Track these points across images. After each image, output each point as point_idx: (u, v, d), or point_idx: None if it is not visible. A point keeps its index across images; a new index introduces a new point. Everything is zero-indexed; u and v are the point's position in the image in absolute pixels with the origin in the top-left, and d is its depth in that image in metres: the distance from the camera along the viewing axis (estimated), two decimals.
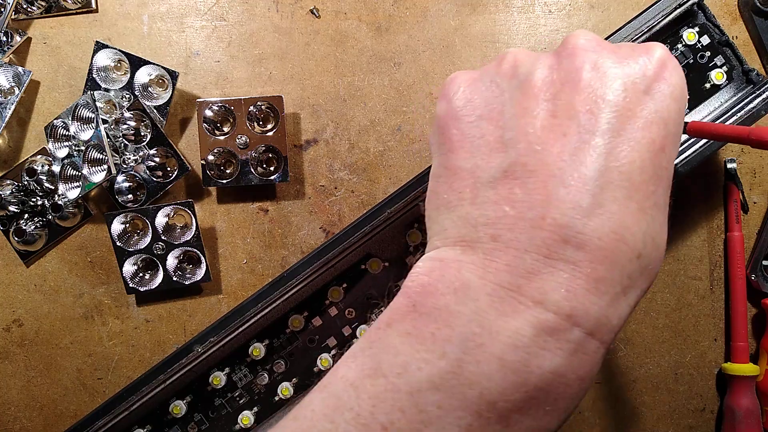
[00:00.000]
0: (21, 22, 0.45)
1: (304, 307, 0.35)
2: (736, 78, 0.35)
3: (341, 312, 0.35)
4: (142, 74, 0.43)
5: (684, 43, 0.35)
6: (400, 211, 0.33)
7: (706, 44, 0.35)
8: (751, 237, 0.43)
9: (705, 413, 0.43)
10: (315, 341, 0.35)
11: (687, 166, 0.33)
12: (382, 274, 0.35)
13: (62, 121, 0.42)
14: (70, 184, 0.42)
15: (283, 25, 0.44)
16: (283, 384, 0.34)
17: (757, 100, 0.33)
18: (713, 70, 0.35)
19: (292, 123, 0.44)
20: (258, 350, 0.34)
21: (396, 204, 0.33)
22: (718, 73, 0.35)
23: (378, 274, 0.35)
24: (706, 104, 0.35)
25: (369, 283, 0.35)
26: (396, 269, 0.35)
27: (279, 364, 0.34)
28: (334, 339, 0.35)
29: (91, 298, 0.44)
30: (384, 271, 0.35)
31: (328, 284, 0.35)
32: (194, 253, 0.42)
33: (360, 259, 0.35)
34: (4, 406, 0.44)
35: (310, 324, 0.35)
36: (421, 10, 0.44)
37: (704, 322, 0.43)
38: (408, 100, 0.44)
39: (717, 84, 0.35)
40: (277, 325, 0.35)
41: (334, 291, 0.35)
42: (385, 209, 0.33)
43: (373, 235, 0.34)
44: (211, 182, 0.42)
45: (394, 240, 0.35)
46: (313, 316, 0.35)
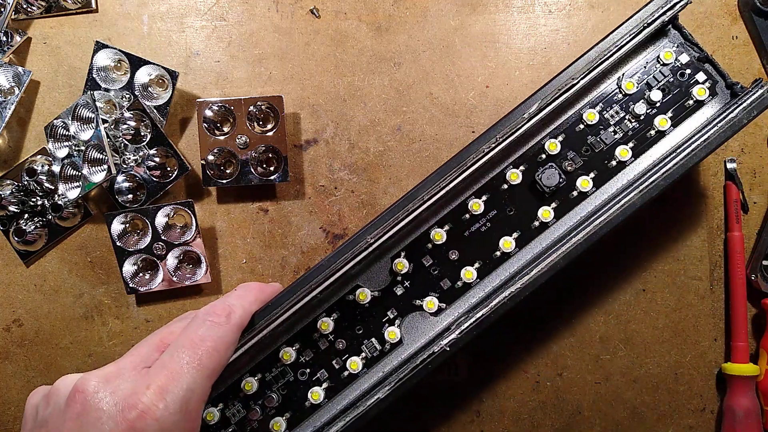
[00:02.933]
0: (21, 22, 0.45)
1: (295, 340, 0.35)
2: (720, 93, 0.35)
3: (331, 344, 0.35)
4: (142, 74, 0.43)
5: (662, 63, 0.35)
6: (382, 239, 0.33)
7: (686, 62, 0.36)
8: (751, 237, 0.43)
9: (705, 413, 0.43)
10: (306, 374, 0.35)
11: (668, 179, 0.33)
12: (371, 304, 0.35)
13: (62, 121, 0.42)
14: (70, 184, 0.42)
15: (283, 25, 0.44)
16: (275, 419, 0.34)
17: (737, 110, 0.33)
18: (695, 87, 0.35)
19: (292, 123, 0.44)
20: (250, 384, 0.34)
21: (376, 230, 0.33)
22: (700, 89, 0.35)
23: (367, 305, 0.35)
24: (691, 120, 0.35)
25: (359, 314, 0.35)
26: (386, 299, 0.35)
27: (271, 398, 0.34)
28: (326, 372, 0.35)
29: (91, 298, 0.44)
30: (373, 302, 0.35)
31: (318, 316, 0.35)
32: (194, 253, 0.42)
33: (349, 290, 0.35)
34: (4, 406, 0.44)
35: (301, 356, 0.35)
36: (421, 10, 0.44)
37: (704, 322, 0.43)
38: (408, 100, 0.44)
39: (700, 100, 0.35)
40: (268, 358, 0.35)
41: (323, 323, 0.34)
42: (365, 236, 0.33)
43: (356, 264, 0.33)
44: (211, 182, 0.42)
45: (382, 270, 0.35)
46: (304, 348, 0.35)
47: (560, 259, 0.33)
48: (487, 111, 0.44)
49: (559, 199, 0.35)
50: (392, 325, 0.35)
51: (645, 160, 0.35)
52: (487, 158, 0.34)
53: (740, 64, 0.43)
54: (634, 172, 0.35)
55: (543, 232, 0.35)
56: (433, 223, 0.35)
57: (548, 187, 0.34)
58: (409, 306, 0.35)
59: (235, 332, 0.31)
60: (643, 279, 0.43)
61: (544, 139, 0.35)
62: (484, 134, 0.34)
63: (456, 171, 0.34)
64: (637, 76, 0.36)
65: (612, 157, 0.35)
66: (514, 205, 0.35)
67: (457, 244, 0.35)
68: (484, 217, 0.35)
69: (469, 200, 0.35)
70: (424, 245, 0.35)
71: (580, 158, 0.35)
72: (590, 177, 0.35)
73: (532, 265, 0.33)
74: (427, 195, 0.34)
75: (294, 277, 0.43)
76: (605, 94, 0.36)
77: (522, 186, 0.35)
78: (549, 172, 0.35)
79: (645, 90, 0.35)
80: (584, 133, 0.36)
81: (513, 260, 0.35)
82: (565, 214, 0.35)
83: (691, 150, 0.33)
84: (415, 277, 0.35)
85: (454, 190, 0.34)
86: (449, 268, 0.35)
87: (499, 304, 0.33)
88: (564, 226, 0.35)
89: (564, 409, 0.43)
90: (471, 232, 0.35)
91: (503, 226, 0.35)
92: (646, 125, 0.35)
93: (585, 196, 0.35)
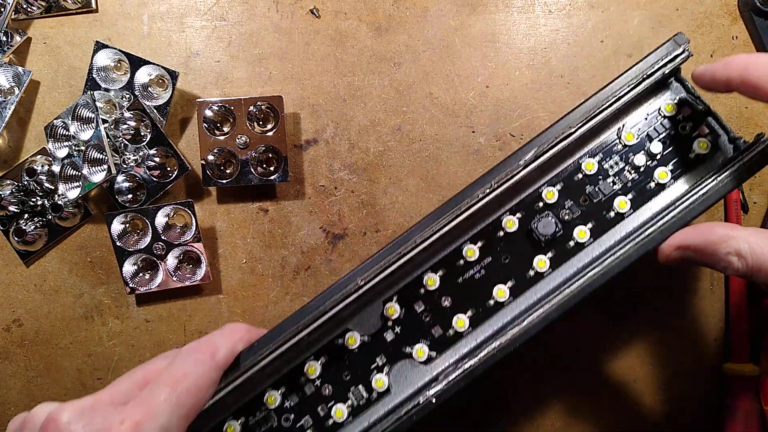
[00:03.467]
0: (21, 22, 0.45)
1: (281, 383, 0.34)
2: (723, 147, 0.34)
3: (318, 390, 0.34)
4: (142, 74, 0.43)
5: (663, 115, 0.35)
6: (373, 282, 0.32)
7: (687, 115, 0.35)
8: None
9: (705, 413, 0.43)
10: (290, 420, 0.33)
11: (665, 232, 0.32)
12: (360, 349, 0.34)
13: (62, 121, 0.42)
14: (70, 184, 0.42)
15: (283, 25, 0.44)
16: None
17: (738, 164, 0.32)
18: (696, 140, 0.34)
19: (292, 123, 0.44)
20: (232, 428, 0.33)
21: (367, 272, 0.32)
22: (702, 142, 0.34)
23: (356, 350, 0.34)
24: (693, 173, 0.34)
25: (347, 360, 0.34)
26: (375, 345, 0.34)
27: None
28: (310, 419, 0.33)
29: (91, 298, 0.44)
30: (362, 347, 0.34)
31: (306, 359, 0.34)
32: (194, 253, 0.42)
33: (338, 334, 0.34)
34: (4, 406, 0.44)
35: (286, 401, 0.34)
36: (421, 10, 0.44)
37: (704, 322, 0.43)
38: (408, 100, 0.44)
39: (702, 153, 0.34)
40: (252, 402, 0.34)
41: (310, 367, 0.33)
42: (356, 277, 0.32)
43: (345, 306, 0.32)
44: (211, 182, 0.42)
45: (373, 314, 0.34)
46: (289, 393, 0.34)
47: (552, 311, 0.32)
48: (487, 111, 0.44)
49: (555, 248, 0.34)
50: (380, 372, 0.34)
51: (644, 213, 0.34)
52: (482, 204, 0.33)
53: None
54: (633, 224, 0.34)
55: (538, 281, 0.34)
56: (426, 267, 0.35)
57: (544, 235, 0.34)
58: (399, 353, 0.34)
59: (217, 371, 0.30)
60: (643, 279, 0.43)
61: (542, 187, 0.35)
62: (480, 179, 0.33)
63: (450, 215, 0.33)
64: (637, 128, 0.35)
65: (611, 208, 0.34)
66: (509, 253, 0.35)
67: (450, 290, 0.34)
68: (479, 263, 0.35)
69: (464, 246, 0.34)
70: (416, 290, 0.35)
71: (578, 208, 0.34)
72: (588, 227, 0.34)
73: (524, 315, 0.32)
74: (420, 239, 0.33)
75: (294, 277, 0.43)
76: (605, 144, 0.35)
77: (518, 234, 0.35)
78: (545, 221, 0.34)
79: (645, 141, 0.35)
80: (583, 183, 0.35)
81: (507, 310, 0.34)
82: (561, 264, 0.34)
83: (689, 204, 0.32)
84: (406, 323, 0.34)
85: (449, 235, 0.33)
86: (441, 315, 0.34)
87: (488, 356, 0.32)
88: (560, 277, 0.34)
89: (564, 409, 0.43)
90: (465, 278, 0.34)
91: (498, 274, 0.34)
92: (646, 177, 0.34)
93: (582, 246, 0.34)
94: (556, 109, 0.44)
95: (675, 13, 0.44)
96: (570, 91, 0.44)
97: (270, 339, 0.32)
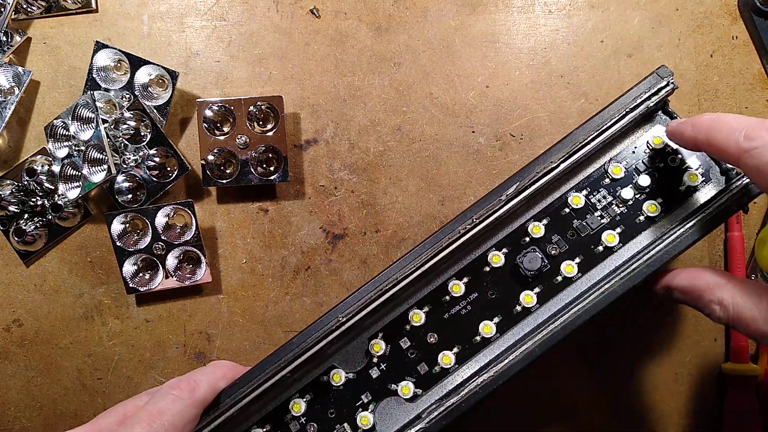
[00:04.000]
0: (21, 22, 0.45)
1: (265, 421, 0.33)
2: (714, 178, 0.34)
3: (302, 428, 0.33)
4: (142, 74, 0.43)
5: (651, 148, 0.34)
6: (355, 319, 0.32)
7: (676, 147, 0.34)
8: (751, 237, 0.43)
9: (705, 413, 0.43)
10: None
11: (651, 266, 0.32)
12: (345, 386, 0.34)
13: (62, 121, 0.42)
14: (70, 184, 0.42)
15: (283, 25, 0.44)
16: None
17: (727, 196, 0.32)
18: (686, 172, 0.33)
19: (292, 123, 0.44)
20: None
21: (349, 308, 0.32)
22: (692, 174, 0.33)
23: (341, 387, 0.34)
24: (685, 206, 0.34)
25: (332, 397, 0.34)
26: (361, 382, 0.34)
27: None
28: None
29: (91, 298, 0.44)
30: (348, 384, 0.34)
31: (291, 396, 0.34)
32: (194, 253, 0.42)
33: (323, 371, 0.34)
34: (4, 406, 0.44)
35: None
36: (421, 10, 0.44)
37: (704, 322, 0.43)
38: (408, 100, 0.44)
39: (692, 186, 0.33)
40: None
41: (295, 404, 0.33)
42: (336, 314, 0.32)
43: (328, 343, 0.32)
44: (211, 182, 0.42)
45: (358, 351, 0.34)
46: (274, 431, 0.33)
47: (536, 348, 0.31)
48: (487, 111, 0.44)
49: (542, 283, 0.34)
50: (365, 410, 0.33)
51: (633, 247, 0.34)
52: (465, 239, 0.33)
53: (740, 64, 0.43)
54: (622, 259, 0.34)
55: (525, 317, 0.34)
56: (412, 303, 0.34)
57: (530, 270, 0.33)
58: (384, 390, 0.34)
59: (197, 408, 0.30)
60: None
61: (528, 222, 0.34)
62: (462, 214, 0.33)
63: (431, 251, 0.33)
64: (625, 161, 0.34)
65: (599, 242, 0.34)
66: (495, 289, 0.34)
67: (436, 326, 0.34)
68: (465, 299, 0.34)
69: (450, 282, 0.34)
70: (402, 326, 0.34)
71: (565, 242, 0.34)
72: (575, 262, 0.33)
73: (507, 353, 0.32)
74: (401, 275, 0.32)
75: (294, 277, 0.43)
76: (592, 178, 0.35)
77: (505, 269, 0.34)
78: (531, 256, 0.33)
79: (633, 175, 0.34)
80: (570, 217, 0.34)
81: (493, 346, 0.34)
82: (548, 299, 0.34)
83: (677, 236, 0.32)
84: (392, 360, 0.34)
85: (434, 270, 0.33)
86: (427, 352, 0.34)
87: (470, 393, 0.31)
88: (547, 312, 0.34)
89: (564, 409, 0.43)
90: (451, 314, 0.34)
91: (484, 310, 0.34)
92: (635, 211, 0.34)
93: (570, 281, 0.34)
94: (556, 109, 0.44)
95: (675, 13, 0.44)
96: (570, 91, 0.44)
97: (253, 376, 0.32)
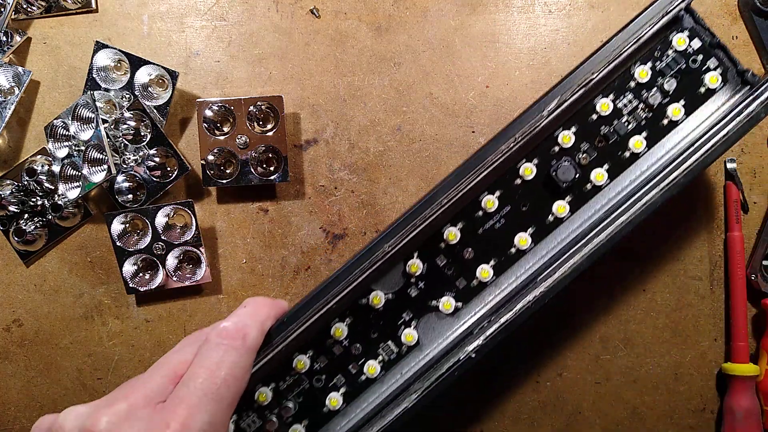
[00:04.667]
0: (21, 22, 0.45)
1: (307, 347, 0.34)
2: (731, 80, 0.35)
3: (346, 349, 0.34)
4: (142, 74, 0.43)
5: (674, 49, 0.35)
6: (398, 244, 0.33)
7: (698, 48, 0.35)
8: (751, 237, 0.43)
9: (705, 413, 0.43)
10: (322, 380, 0.34)
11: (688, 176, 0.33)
12: (385, 307, 0.34)
13: (62, 121, 0.42)
14: (70, 184, 0.42)
15: (283, 25, 0.44)
16: (294, 426, 0.33)
17: (755, 104, 0.33)
18: (707, 74, 0.34)
19: (292, 123, 0.44)
20: (264, 395, 0.33)
21: (393, 237, 0.33)
22: (712, 76, 0.34)
23: (381, 309, 0.34)
24: (702, 109, 0.35)
25: (373, 318, 0.34)
26: (400, 302, 0.34)
27: (287, 408, 0.33)
28: (342, 377, 0.34)
29: (91, 298, 0.44)
30: (387, 305, 0.34)
31: (332, 322, 0.34)
32: (194, 253, 0.42)
33: (361, 293, 0.34)
34: (4, 406, 0.44)
35: (315, 363, 0.34)
36: (421, 10, 0.44)
37: (704, 322, 0.43)
38: (408, 100, 0.44)
39: (712, 88, 0.34)
40: (281, 368, 0.34)
41: (337, 330, 0.34)
42: (382, 244, 0.33)
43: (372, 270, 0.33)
44: (211, 182, 0.42)
45: (395, 272, 0.35)
46: (317, 355, 0.34)
47: (584, 261, 0.32)
48: (487, 111, 0.44)
49: (573, 192, 0.35)
50: (408, 327, 0.34)
51: (658, 151, 0.35)
52: (504, 157, 0.33)
53: None
54: (648, 163, 0.35)
55: (558, 226, 0.35)
56: (446, 222, 0.35)
57: (564, 181, 0.34)
58: (425, 307, 0.35)
59: (251, 355, 0.29)
60: (643, 279, 0.43)
61: (557, 131, 0.35)
62: (503, 132, 0.34)
63: (476, 172, 0.33)
64: (649, 64, 0.35)
65: (626, 148, 0.35)
66: (528, 201, 0.35)
67: (471, 242, 0.35)
68: (498, 213, 0.35)
69: (483, 197, 0.35)
70: (437, 245, 0.35)
71: (594, 150, 0.35)
72: (604, 169, 0.34)
73: (554, 266, 0.33)
74: (446, 199, 0.33)
75: (294, 277, 0.43)
76: (619, 83, 0.35)
77: (536, 181, 0.35)
78: (564, 167, 0.34)
79: (658, 78, 0.35)
80: (597, 124, 0.35)
81: (529, 256, 0.35)
82: (579, 207, 0.35)
83: (708, 147, 0.33)
84: (430, 278, 0.35)
85: (468, 188, 0.34)
86: (464, 267, 0.35)
87: (524, 308, 0.32)
88: (579, 220, 0.35)
89: (564, 409, 0.43)
90: (485, 229, 0.35)
91: (517, 222, 0.35)
92: (660, 114, 0.35)
93: (599, 189, 0.35)
94: None
95: None
96: None
97: (300, 313, 0.33)
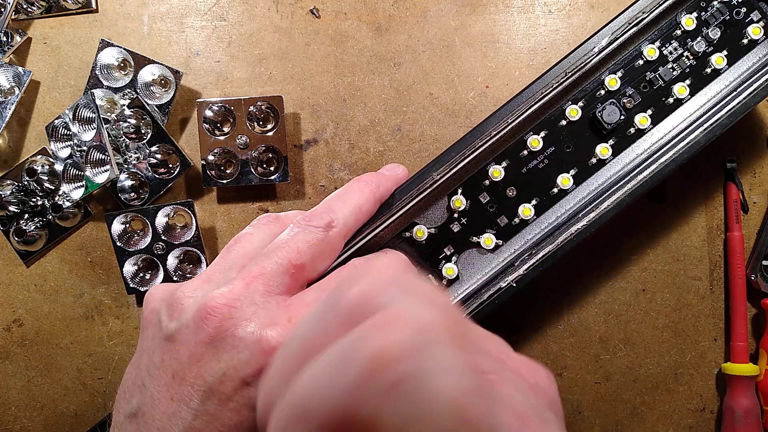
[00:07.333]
0: (21, 22, 0.45)
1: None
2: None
3: None
4: (146, 73, 0.43)
5: (720, 0, 0.36)
6: (445, 175, 0.34)
7: (741, 0, 0.36)
8: (751, 237, 0.43)
9: (705, 413, 0.43)
10: None
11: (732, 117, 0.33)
12: (427, 241, 0.35)
13: (63, 121, 0.42)
14: (74, 184, 0.42)
15: (283, 25, 0.44)
16: None
17: None
18: (750, 26, 0.35)
19: (292, 123, 0.44)
20: None
21: (441, 166, 0.34)
22: (755, 28, 0.35)
23: (424, 242, 0.35)
24: (744, 60, 0.35)
25: (415, 252, 0.35)
26: (443, 237, 0.35)
27: None
28: None
29: (91, 298, 0.44)
30: (430, 239, 0.35)
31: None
32: (194, 253, 0.42)
33: (405, 227, 0.35)
34: (4, 406, 0.44)
35: None
36: (421, 10, 0.44)
37: (704, 322, 0.43)
38: (408, 100, 0.44)
39: (754, 39, 0.35)
40: None
41: None
42: (431, 171, 0.34)
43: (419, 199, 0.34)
44: (211, 182, 0.42)
45: (439, 207, 0.36)
46: None
47: (626, 197, 0.33)
48: (487, 111, 0.44)
49: (616, 135, 0.35)
50: (449, 261, 0.35)
51: (700, 99, 0.35)
52: (553, 94, 0.34)
53: None
54: (690, 110, 0.35)
55: (600, 169, 0.35)
56: (490, 160, 0.36)
57: (609, 123, 0.35)
58: (466, 243, 0.35)
59: (376, 204, 0.33)
60: (643, 279, 0.43)
61: (603, 74, 0.36)
62: (553, 68, 0.34)
63: (524, 106, 0.34)
64: (695, 13, 0.36)
65: (669, 94, 0.35)
66: (572, 142, 0.36)
67: (514, 181, 0.36)
68: (542, 153, 0.36)
69: (528, 137, 0.35)
70: (481, 182, 0.36)
71: (638, 95, 0.36)
72: (648, 114, 0.35)
73: (597, 201, 0.34)
74: (495, 131, 0.34)
75: None
76: (665, 30, 0.36)
77: (581, 123, 0.36)
78: (610, 109, 0.35)
79: (703, 27, 0.36)
80: (643, 69, 0.36)
81: (570, 197, 0.35)
82: (622, 151, 0.35)
83: (751, 92, 0.34)
84: (472, 215, 0.36)
85: (514, 127, 0.35)
86: (506, 205, 0.36)
87: (565, 241, 0.33)
88: (620, 163, 0.35)
89: (564, 409, 0.43)
90: (529, 168, 0.36)
91: (560, 163, 0.36)
92: (703, 63, 0.36)
93: (642, 133, 0.35)
94: None
95: None
96: None
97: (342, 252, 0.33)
